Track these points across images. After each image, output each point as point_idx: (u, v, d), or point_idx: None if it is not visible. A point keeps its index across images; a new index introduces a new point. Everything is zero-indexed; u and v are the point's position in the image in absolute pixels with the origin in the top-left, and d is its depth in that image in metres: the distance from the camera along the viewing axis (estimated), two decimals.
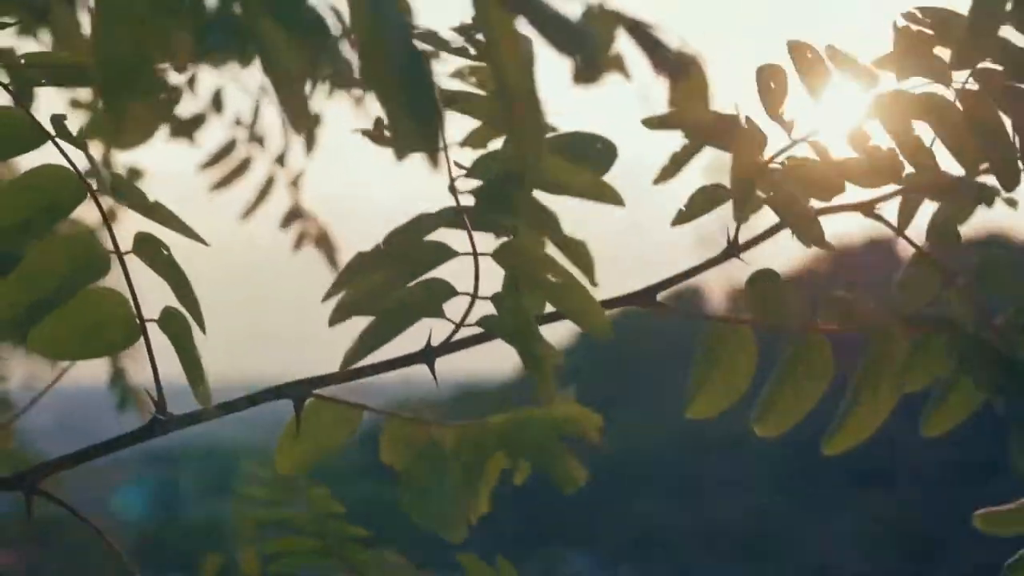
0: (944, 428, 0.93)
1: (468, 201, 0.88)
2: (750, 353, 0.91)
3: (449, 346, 0.89)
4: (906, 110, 0.87)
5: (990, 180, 0.90)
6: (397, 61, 0.56)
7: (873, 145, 0.87)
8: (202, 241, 0.83)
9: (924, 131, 0.89)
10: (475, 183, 0.88)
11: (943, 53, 0.87)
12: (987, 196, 0.90)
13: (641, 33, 0.58)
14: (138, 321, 0.85)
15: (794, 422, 0.91)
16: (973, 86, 0.87)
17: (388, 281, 0.84)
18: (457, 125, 0.95)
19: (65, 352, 0.85)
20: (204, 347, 0.88)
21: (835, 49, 0.87)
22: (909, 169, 0.88)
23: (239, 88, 2.07)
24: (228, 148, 2.08)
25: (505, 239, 0.87)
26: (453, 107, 0.94)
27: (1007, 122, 0.88)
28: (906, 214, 0.94)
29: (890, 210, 0.96)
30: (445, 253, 0.86)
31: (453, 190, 0.87)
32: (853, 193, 0.91)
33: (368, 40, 0.57)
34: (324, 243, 2.16)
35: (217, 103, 2.06)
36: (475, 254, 0.86)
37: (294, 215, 2.16)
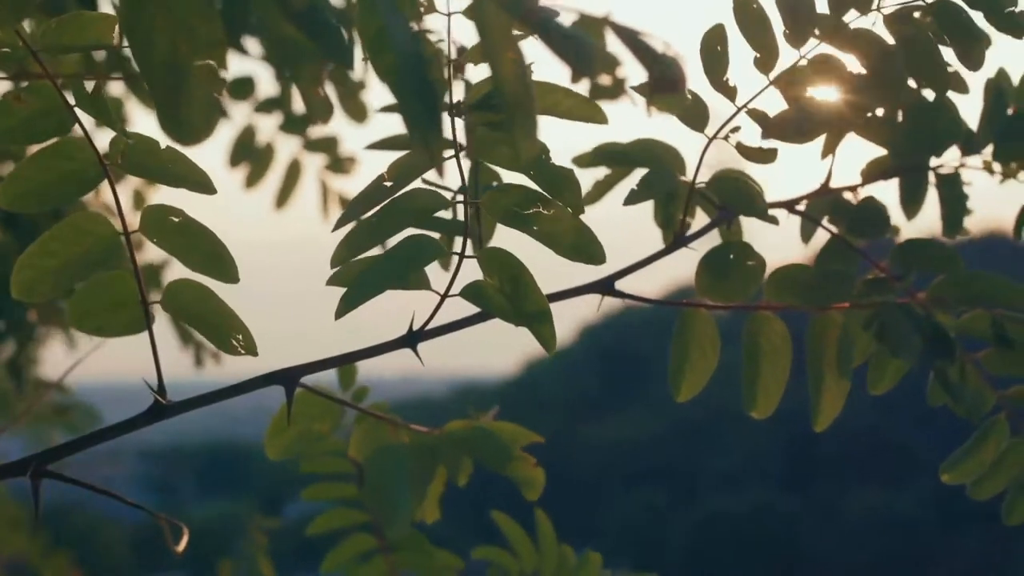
0: (886, 387, 1.01)
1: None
2: (712, 334, 0.95)
3: (432, 331, 0.90)
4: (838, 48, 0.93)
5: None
6: (403, 66, 0.58)
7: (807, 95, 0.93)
8: (212, 190, 0.82)
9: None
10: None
11: None
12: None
13: (639, 47, 0.60)
14: (142, 303, 0.86)
15: (778, 397, 0.96)
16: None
17: (384, 222, 0.84)
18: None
19: (90, 328, 0.87)
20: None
21: None
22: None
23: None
24: (248, 135, 2.03)
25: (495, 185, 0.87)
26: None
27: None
28: (819, 211, 1.02)
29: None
30: (439, 200, 0.86)
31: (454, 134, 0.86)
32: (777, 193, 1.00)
33: (376, 46, 0.60)
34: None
35: (241, 89, 1.99)
36: (466, 202, 0.86)
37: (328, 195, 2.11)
